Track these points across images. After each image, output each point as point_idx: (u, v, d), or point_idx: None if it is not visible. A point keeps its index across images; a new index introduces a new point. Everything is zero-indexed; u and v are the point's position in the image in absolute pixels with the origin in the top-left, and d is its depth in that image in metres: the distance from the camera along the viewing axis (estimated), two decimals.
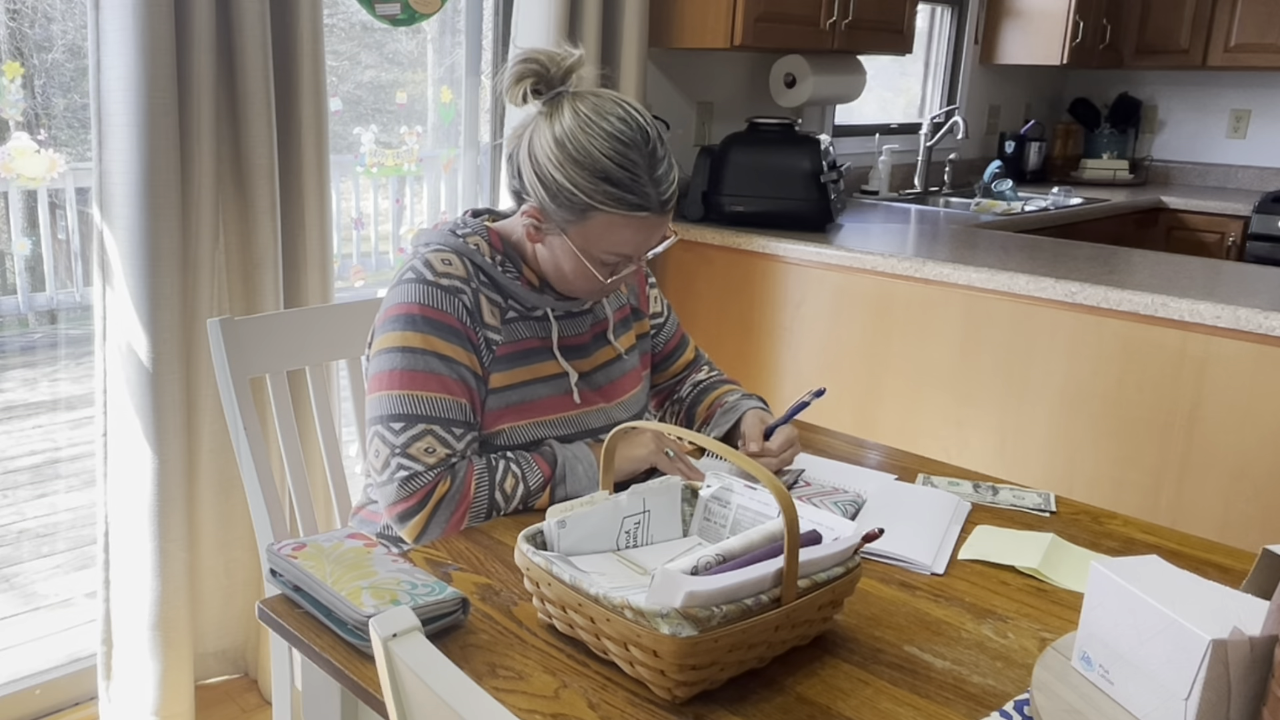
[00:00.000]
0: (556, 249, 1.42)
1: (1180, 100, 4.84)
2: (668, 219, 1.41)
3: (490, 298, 1.44)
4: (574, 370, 1.50)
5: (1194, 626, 0.86)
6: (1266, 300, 2.18)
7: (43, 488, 2.92)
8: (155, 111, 1.95)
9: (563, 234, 1.39)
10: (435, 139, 2.88)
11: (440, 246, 1.44)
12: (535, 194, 1.38)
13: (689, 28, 2.91)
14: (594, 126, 1.34)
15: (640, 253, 1.42)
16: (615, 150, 1.33)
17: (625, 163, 1.34)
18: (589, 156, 1.33)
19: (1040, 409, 2.40)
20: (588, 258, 1.40)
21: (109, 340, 2.07)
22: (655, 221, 1.39)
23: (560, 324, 1.51)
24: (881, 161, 3.93)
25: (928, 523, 1.40)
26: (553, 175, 1.35)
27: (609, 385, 1.55)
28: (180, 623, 2.20)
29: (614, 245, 1.38)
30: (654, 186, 1.36)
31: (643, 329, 1.66)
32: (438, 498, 1.37)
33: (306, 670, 1.18)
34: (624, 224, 1.36)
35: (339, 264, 3.08)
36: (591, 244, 1.38)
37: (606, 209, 1.35)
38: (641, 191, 1.35)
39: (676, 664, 0.95)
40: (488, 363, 1.43)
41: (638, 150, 1.35)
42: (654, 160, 1.36)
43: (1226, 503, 2.17)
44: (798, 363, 2.78)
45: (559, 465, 1.43)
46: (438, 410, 1.38)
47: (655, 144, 1.37)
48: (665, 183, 1.37)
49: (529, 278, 1.48)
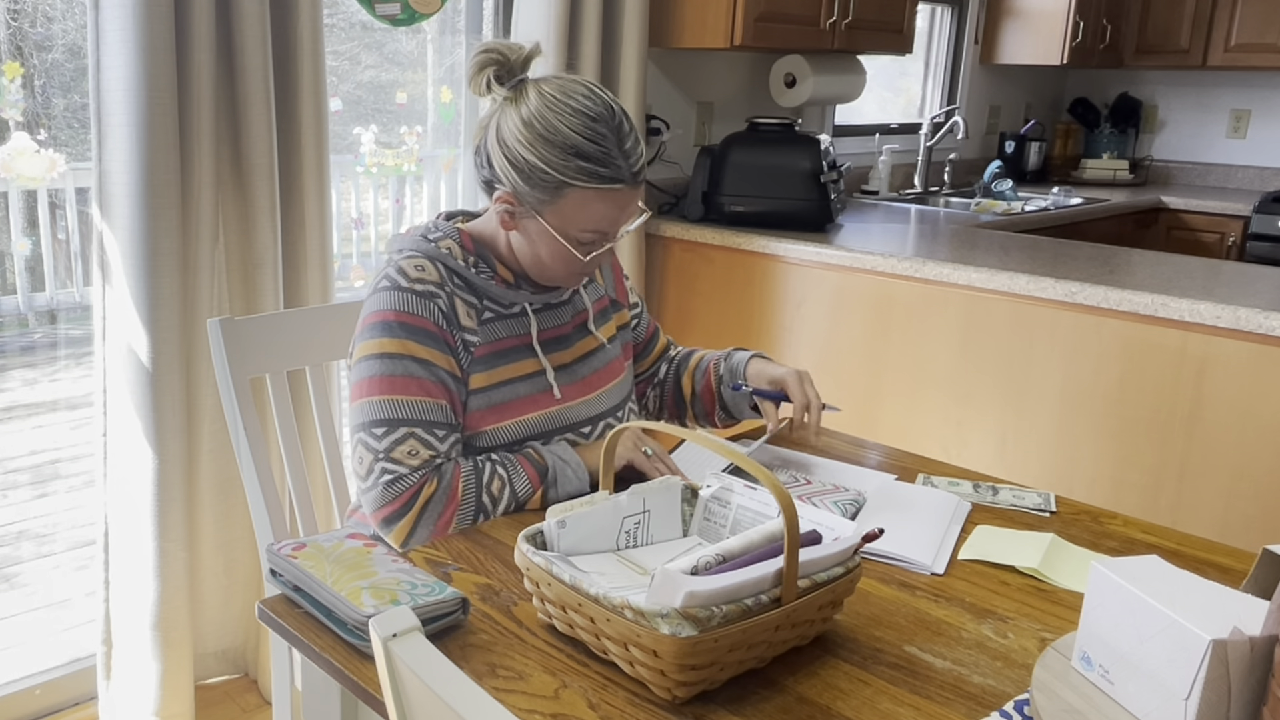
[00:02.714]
0: (532, 233, 1.43)
1: (1180, 100, 4.84)
2: (639, 192, 1.43)
3: (466, 300, 1.45)
4: (552, 364, 1.51)
5: (1194, 626, 0.86)
6: (1266, 300, 2.18)
7: (43, 488, 2.92)
8: (155, 111, 1.95)
9: (538, 216, 1.40)
10: (435, 139, 2.88)
11: (413, 253, 1.44)
12: (507, 179, 1.40)
13: (689, 28, 2.91)
14: (561, 105, 1.36)
15: (615, 228, 1.43)
16: (584, 125, 1.35)
17: (595, 136, 1.35)
18: (558, 134, 1.35)
19: (1040, 409, 2.40)
20: (565, 237, 1.40)
21: (109, 340, 2.07)
22: (628, 195, 1.40)
23: (539, 317, 1.51)
24: (881, 161, 3.93)
25: (928, 523, 1.40)
26: (524, 156, 1.37)
27: (591, 376, 1.55)
28: (180, 623, 2.20)
29: (590, 221, 1.39)
30: (624, 159, 1.38)
31: (623, 320, 1.67)
32: (424, 499, 1.37)
33: (306, 670, 1.18)
34: (597, 198, 1.38)
35: (339, 264, 3.09)
36: (568, 222, 1.39)
37: (580, 184, 1.36)
38: (613, 164, 1.36)
39: (676, 664, 0.95)
40: (466, 365, 1.43)
41: (605, 124, 1.36)
42: (622, 133, 1.38)
43: (1226, 503, 2.17)
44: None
45: (549, 470, 1.43)
46: (419, 413, 1.38)
47: (621, 119, 1.39)
48: (635, 155, 1.39)
49: (503, 275, 1.48)
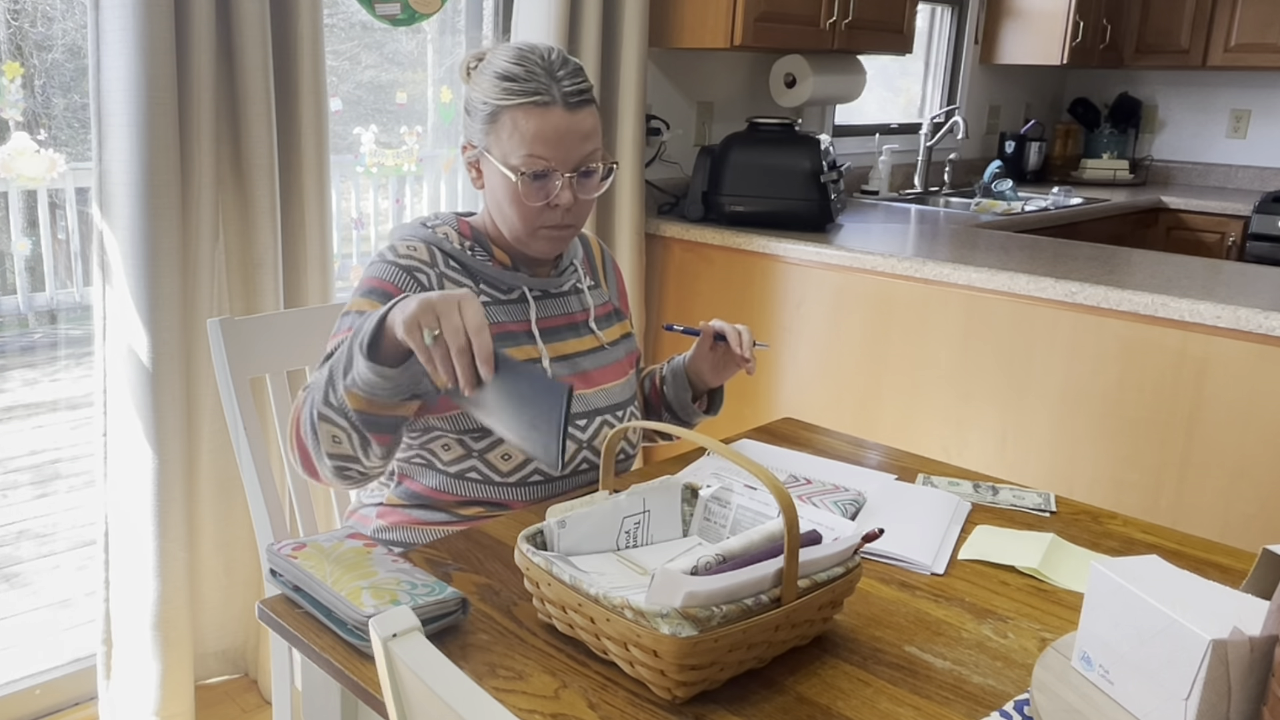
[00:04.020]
0: (491, 180, 1.46)
1: (1180, 100, 4.84)
2: (580, 121, 1.42)
3: (459, 283, 1.46)
4: (552, 353, 1.51)
5: (1194, 626, 0.86)
6: (1266, 300, 2.18)
7: (43, 488, 2.92)
8: (155, 111, 1.95)
9: (488, 154, 1.44)
10: (435, 139, 2.88)
11: (408, 236, 1.49)
12: (465, 130, 1.47)
13: (689, 28, 2.91)
14: (505, 49, 1.44)
15: (558, 156, 1.41)
16: (515, 56, 1.42)
17: (522, 61, 1.41)
18: (494, 67, 1.43)
19: (1040, 409, 2.40)
20: (509, 168, 1.41)
21: (109, 340, 2.07)
22: (561, 116, 1.40)
23: (539, 304, 1.52)
24: (881, 161, 3.93)
25: (928, 523, 1.40)
26: (470, 97, 1.45)
27: (593, 371, 1.55)
28: (180, 623, 2.20)
29: (524, 144, 1.40)
30: (552, 80, 1.40)
31: (625, 329, 1.67)
32: (294, 411, 1.35)
33: (306, 670, 1.18)
34: (525, 116, 1.39)
35: (339, 264, 3.08)
36: (508, 151, 1.41)
37: (508, 102, 1.40)
38: (537, 82, 1.40)
39: (676, 664, 0.95)
40: None
41: (535, 54, 1.42)
42: (551, 63, 1.42)
43: (1226, 503, 2.17)
44: (798, 363, 2.78)
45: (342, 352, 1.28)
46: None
47: (557, 55, 1.43)
48: (569, 81, 1.41)
49: (500, 258, 1.51)
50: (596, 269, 1.66)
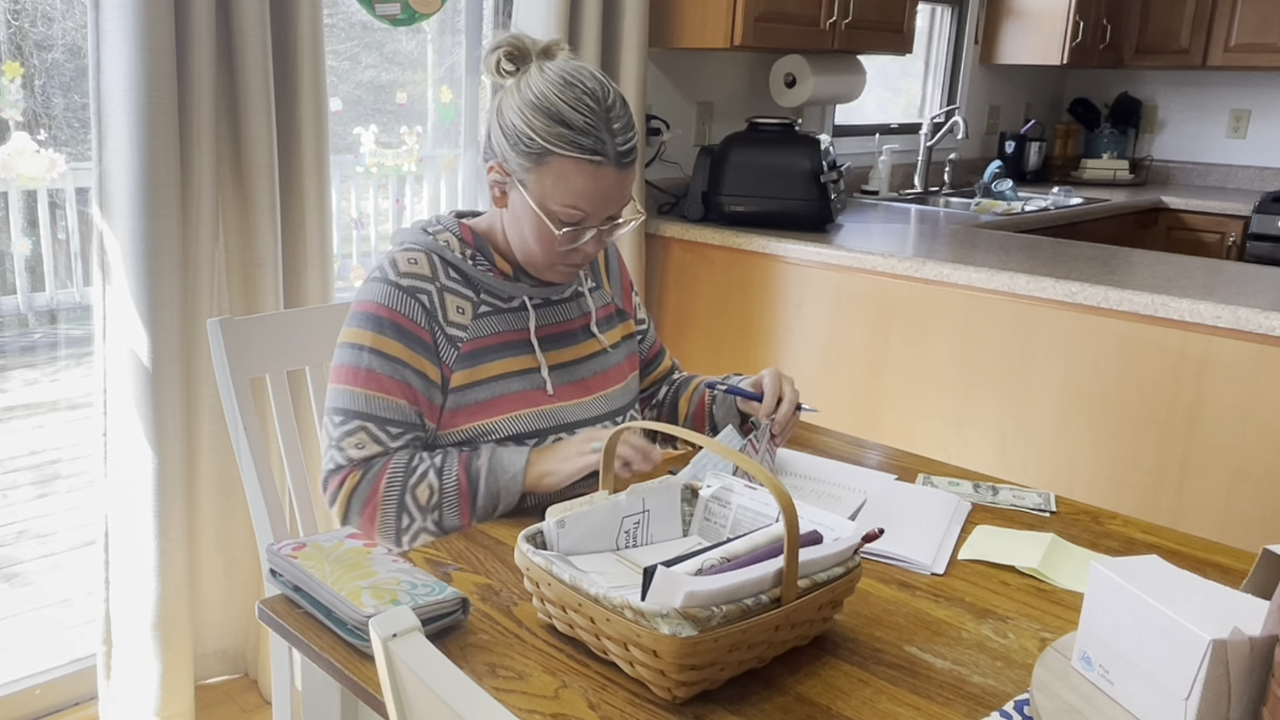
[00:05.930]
0: (517, 208, 1.43)
1: (1180, 100, 4.84)
2: (626, 179, 1.41)
3: (460, 294, 1.46)
4: (551, 361, 1.51)
5: (1194, 626, 0.86)
6: (1266, 300, 2.18)
7: (43, 488, 2.92)
8: (155, 111, 1.95)
9: (521, 188, 1.41)
10: (435, 139, 2.88)
11: (410, 245, 1.47)
12: (498, 149, 1.41)
13: (689, 28, 2.91)
14: (557, 78, 1.37)
15: (597, 211, 1.41)
16: (574, 97, 1.36)
17: (582, 108, 1.36)
18: (547, 101, 1.36)
19: (1040, 409, 2.40)
20: (544, 211, 1.40)
21: (109, 340, 2.07)
22: (611, 175, 1.39)
23: (538, 312, 1.52)
24: (881, 161, 3.93)
25: (928, 523, 1.40)
26: (514, 123, 1.38)
27: (591, 378, 1.55)
28: (180, 623, 2.20)
29: (568, 195, 1.38)
30: (610, 136, 1.37)
31: (628, 330, 1.66)
32: (348, 490, 1.39)
33: (306, 670, 1.18)
34: (576, 170, 1.37)
35: (339, 264, 3.08)
36: (547, 194, 1.39)
37: (560, 151, 1.36)
38: (596, 137, 1.36)
39: (676, 664, 0.95)
40: (451, 361, 1.43)
41: (595, 100, 1.37)
42: (611, 113, 1.38)
43: (1226, 503, 2.17)
44: (798, 363, 2.78)
45: (477, 480, 1.40)
46: (374, 408, 1.40)
47: (616, 102, 1.39)
48: (622, 137, 1.38)
49: (501, 267, 1.49)
50: (599, 268, 1.66)
